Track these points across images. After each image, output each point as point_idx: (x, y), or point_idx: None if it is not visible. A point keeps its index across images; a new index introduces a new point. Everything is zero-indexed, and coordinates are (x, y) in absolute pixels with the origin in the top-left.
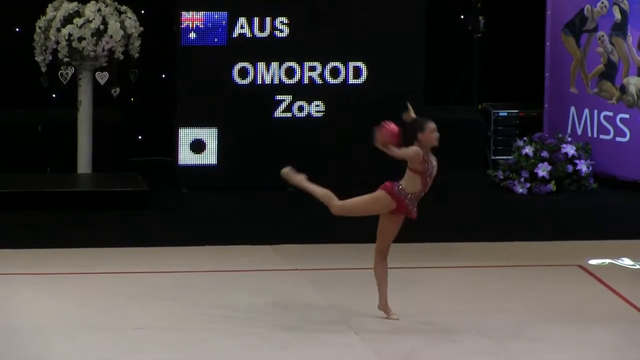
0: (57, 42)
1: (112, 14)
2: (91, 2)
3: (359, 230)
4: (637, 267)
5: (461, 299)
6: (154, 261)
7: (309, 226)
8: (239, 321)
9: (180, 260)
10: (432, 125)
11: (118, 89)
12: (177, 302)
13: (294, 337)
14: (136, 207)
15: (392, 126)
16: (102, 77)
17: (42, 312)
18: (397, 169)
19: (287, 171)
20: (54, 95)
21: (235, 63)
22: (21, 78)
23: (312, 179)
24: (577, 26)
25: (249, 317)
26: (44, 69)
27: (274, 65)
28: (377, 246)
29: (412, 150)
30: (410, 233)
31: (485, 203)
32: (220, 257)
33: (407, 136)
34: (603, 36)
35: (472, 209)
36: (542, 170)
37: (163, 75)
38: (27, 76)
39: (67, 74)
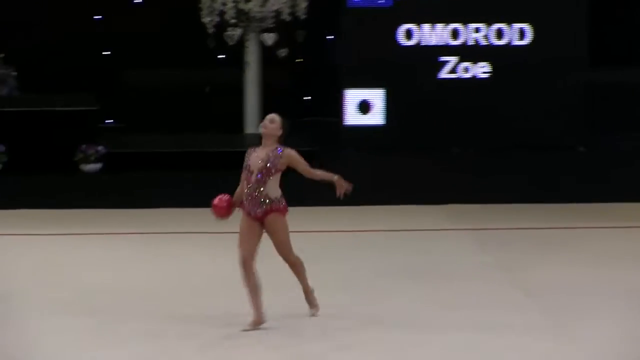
0: (224, 4)
1: None
2: None
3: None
4: None
5: None
6: (322, 221)
7: (472, 186)
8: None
9: (351, 220)
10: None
11: (285, 50)
12: (343, 263)
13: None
14: None
15: (220, 201)
16: (269, 38)
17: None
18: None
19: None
20: (220, 57)
21: (401, 24)
22: (189, 39)
23: (475, 139)
24: None
25: (420, 273)
26: (211, 31)
27: (439, 26)
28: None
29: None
30: None
31: None
32: (389, 216)
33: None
34: None
35: None
36: None
37: (329, 37)
38: (194, 37)
39: (233, 35)
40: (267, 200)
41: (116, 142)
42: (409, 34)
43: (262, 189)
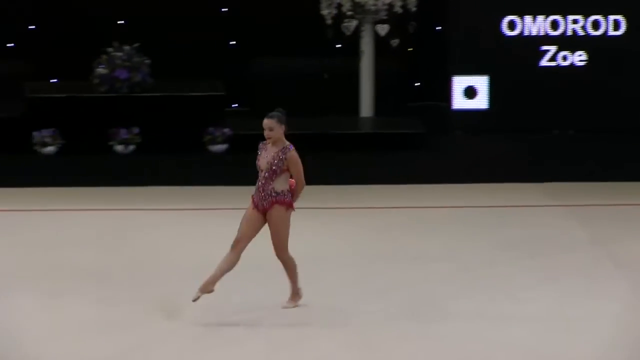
0: None
1: None
2: None
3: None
4: None
5: None
6: (429, 197)
7: (570, 165)
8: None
9: (455, 197)
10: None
11: (397, 40)
12: (452, 237)
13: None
14: (414, 149)
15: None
16: (383, 29)
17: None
18: None
19: None
20: (337, 46)
21: (504, 15)
22: (309, 30)
23: (573, 121)
24: None
25: (520, 246)
26: (329, 22)
27: (540, 18)
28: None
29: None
30: None
31: None
32: (491, 194)
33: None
34: None
35: None
36: None
37: (437, 27)
38: (314, 28)
39: (350, 26)
40: (274, 194)
41: (241, 124)
42: (512, 25)
43: (270, 185)
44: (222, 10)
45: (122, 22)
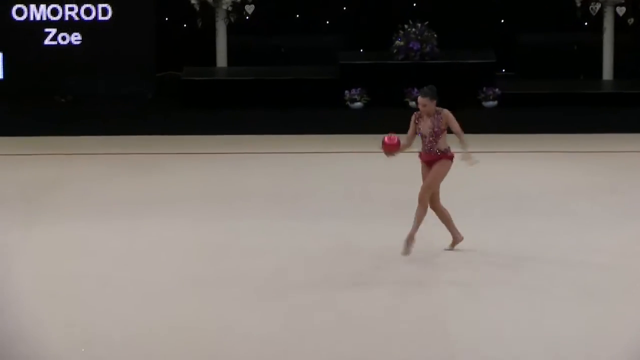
0: None
1: None
2: None
3: None
4: None
5: None
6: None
7: None
8: None
9: None
10: (419, 99)
11: (632, 19)
12: None
13: None
14: None
15: (390, 139)
16: (621, 11)
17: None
18: None
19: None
20: (585, 24)
21: None
22: (562, 10)
23: None
24: None
25: None
26: (578, 5)
27: None
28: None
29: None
30: None
31: None
32: None
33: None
34: None
35: None
36: None
37: None
38: (566, 9)
39: (595, 8)
40: (438, 152)
41: (508, 85)
42: None
43: (435, 146)
44: None
45: (415, 4)
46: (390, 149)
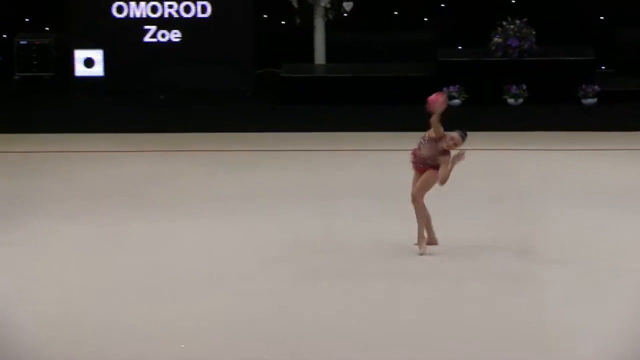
0: None
1: None
2: None
3: None
4: None
5: None
6: None
7: None
8: None
9: None
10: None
11: None
12: None
13: None
14: None
15: (436, 98)
16: None
17: None
18: None
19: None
20: None
21: None
22: None
23: None
24: None
25: None
26: None
27: None
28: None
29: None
30: None
31: None
32: None
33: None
34: None
35: None
36: None
37: None
38: None
39: None
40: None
41: (608, 82)
42: None
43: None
44: None
45: (514, 1)
46: (440, 104)
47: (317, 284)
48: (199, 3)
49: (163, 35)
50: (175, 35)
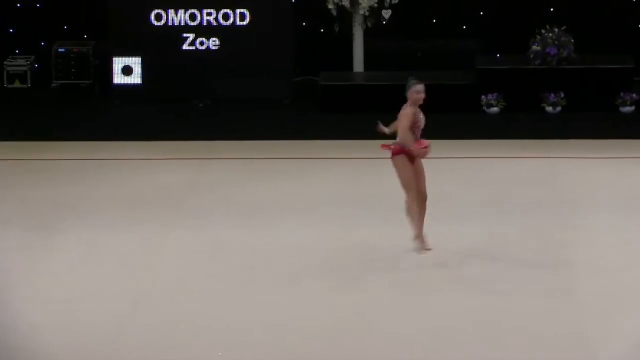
0: None
1: None
2: None
3: None
4: None
5: None
6: None
7: None
8: None
9: None
10: (417, 87)
11: None
12: None
13: None
14: None
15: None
16: None
17: None
18: None
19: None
20: None
21: None
22: None
23: None
24: None
25: None
26: None
27: None
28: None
29: (401, 116)
30: None
31: None
32: None
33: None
34: None
35: None
36: None
37: None
38: None
39: None
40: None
41: None
42: None
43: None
44: (633, 1)
45: (552, 9)
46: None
47: (353, 294)
48: (238, 11)
49: (201, 43)
50: (213, 43)
